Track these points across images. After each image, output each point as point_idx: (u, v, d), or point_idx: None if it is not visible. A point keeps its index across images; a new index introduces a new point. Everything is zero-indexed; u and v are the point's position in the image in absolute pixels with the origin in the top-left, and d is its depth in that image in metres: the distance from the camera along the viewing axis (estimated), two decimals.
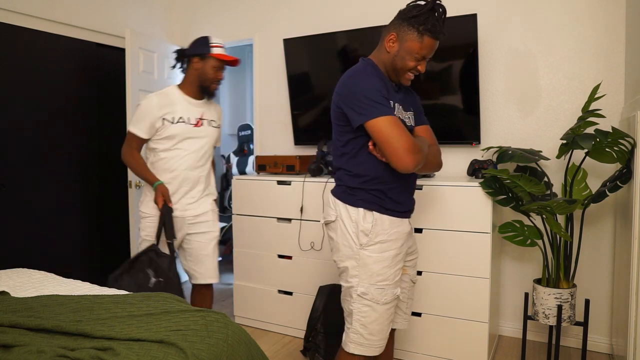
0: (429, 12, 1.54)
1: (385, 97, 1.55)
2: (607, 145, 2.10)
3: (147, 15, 3.79)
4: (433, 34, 1.56)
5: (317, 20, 3.33)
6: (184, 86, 2.39)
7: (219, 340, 1.37)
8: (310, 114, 3.30)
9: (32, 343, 1.27)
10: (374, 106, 1.51)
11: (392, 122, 1.51)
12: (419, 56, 1.59)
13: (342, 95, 1.59)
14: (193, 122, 2.36)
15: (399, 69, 1.62)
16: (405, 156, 1.49)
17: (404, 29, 1.58)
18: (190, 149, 2.36)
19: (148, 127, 2.30)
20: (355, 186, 1.63)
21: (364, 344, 1.64)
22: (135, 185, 3.29)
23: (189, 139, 2.35)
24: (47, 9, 3.07)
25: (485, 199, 2.33)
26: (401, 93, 1.72)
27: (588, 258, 2.64)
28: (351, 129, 1.60)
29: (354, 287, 1.63)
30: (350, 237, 1.63)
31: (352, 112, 1.55)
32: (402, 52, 1.59)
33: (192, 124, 2.36)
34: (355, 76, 1.58)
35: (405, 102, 1.72)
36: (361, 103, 1.52)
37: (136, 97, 3.25)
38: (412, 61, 1.59)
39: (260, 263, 2.98)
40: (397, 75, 1.64)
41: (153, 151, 2.37)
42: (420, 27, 1.54)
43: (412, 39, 1.57)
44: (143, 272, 2.20)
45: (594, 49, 2.59)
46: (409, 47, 1.57)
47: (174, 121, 2.31)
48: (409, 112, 1.72)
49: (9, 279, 2.07)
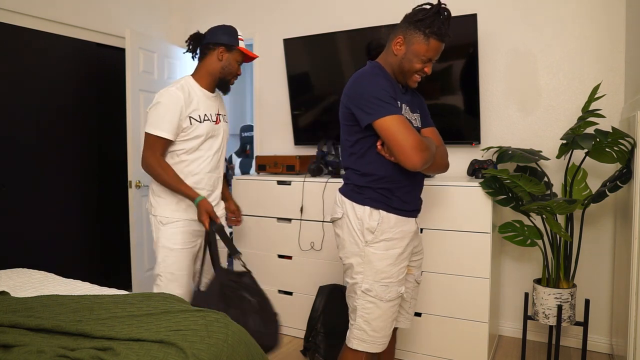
0: (435, 16, 1.58)
1: (393, 97, 1.58)
2: (607, 145, 2.10)
3: (147, 15, 3.79)
4: (439, 37, 1.60)
5: (317, 20, 3.33)
6: (201, 77, 2.14)
7: (219, 341, 1.36)
8: (310, 114, 3.30)
9: (32, 343, 1.27)
10: (382, 105, 1.55)
11: (400, 120, 1.54)
12: (426, 58, 1.63)
13: (350, 96, 1.63)
14: (214, 118, 2.14)
15: (406, 71, 1.66)
16: (413, 154, 1.52)
17: (410, 32, 1.62)
18: (212, 149, 2.15)
19: (175, 127, 2.02)
20: (363, 184, 1.66)
21: (367, 340, 1.66)
22: (135, 185, 3.29)
23: (211, 138, 2.14)
24: (47, 9, 3.07)
25: (485, 199, 2.33)
26: (408, 95, 1.76)
27: (588, 258, 2.64)
28: (359, 129, 1.63)
29: (358, 283, 1.66)
30: (356, 234, 1.66)
31: (361, 112, 1.59)
32: (409, 55, 1.63)
33: (214, 121, 2.14)
34: (363, 77, 1.63)
35: (412, 104, 1.76)
36: (369, 103, 1.56)
37: (136, 97, 3.26)
38: (418, 63, 1.64)
39: (260, 263, 2.98)
40: (404, 77, 1.69)
41: (171, 153, 2.09)
42: (427, 30, 1.59)
43: (418, 41, 1.61)
44: (240, 298, 1.89)
45: (594, 49, 2.59)
46: (416, 49, 1.62)
47: (200, 119, 2.07)
48: (415, 114, 1.76)
49: (9, 279, 2.07)
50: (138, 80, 3.28)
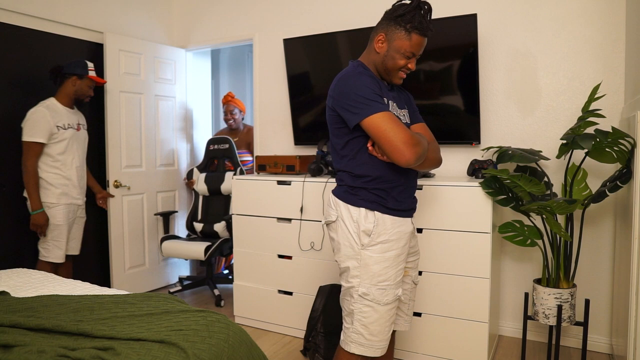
0: (415, 10, 1.57)
1: (378, 94, 1.56)
2: (607, 145, 2.10)
3: (148, 15, 3.79)
4: (420, 31, 1.58)
5: (317, 20, 3.33)
6: (62, 98, 2.95)
7: (220, 341, 1.37)
8: (310, 114, 3.30)
9: (32, 343, 1.27)
10: (368, 104, 1.52)
11: (388, 117, 1.52)
12: (409, 54, 1.61)
13: (335, 97, 1.61)
14: (75, 127, 3.00)
15: (389, 68, 1.64)
16: (405, 149, 1.50)
17: (391, 28, 1.61)
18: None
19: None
20: (357, 186, 1.64)
21: (365, 344, 1.64)
22: (113, 184, 3.43)
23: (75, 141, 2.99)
24: (48, 9, 3.07)
25: (485, 199, 2.33)
26: (394, 91, 1.74)
27: (588, 258, 2.64)
28: (348, 131, 1.61)
29: (354, 287, 1.63)
30: (351, 237, 1.63)
31: (347, 113, 1.57)
32: (391, 52, 1.62)
33: (76, 129, 3.01)
34: (346, 77, 1.60)
35: (399, 100, 1.73)
36: (355, 102, 1.54)
37: (116, 99, 3.39)
38: (402, 59, 1.62)
39: (260, 263, 2.98)
40: (388, 74, 1.67)
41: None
42: (408, 25, 1.57)
43: (400, 37, 1.59)
44: None
45: (593, 49, 2.59)
46: (398, 45, 1.60)
47: (65, 127, 2.91)
48: (403, 110, 1.73)
49: (9, 279, 2.07)
50: (118, 81, 3.43)
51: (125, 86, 3.47)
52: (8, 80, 2.92)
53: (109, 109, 3.38)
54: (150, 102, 3.68)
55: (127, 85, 3.48)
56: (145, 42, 3.62)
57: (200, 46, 3.95)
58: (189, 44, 3.99)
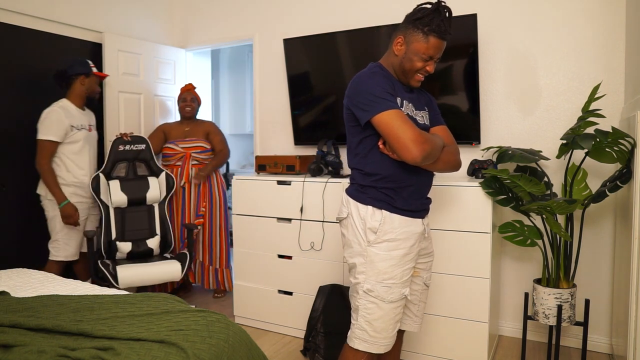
0: (434, 14, 1.59)
1: (390, 93, 1.58)
2: (607, 145, 2.10)
3: (148, 15, 3.78)
4: (438, 34, 1.60)
5: (317, 20, 3.33)
6: (75, 99, 3.00)
7: (220, 341, 1.37)
8: (310, 114, 3.30)
9: (32, 343, 1.27)
10: (378, 101, 1.55)
11: (397, 115, 1.54)
12: (426, 56, 1.63)
13: (350, 96, 1.65)
14: (87, 128, 3.04)
15: (407, 70, 1.66)
16: (412, 146, 1.51)
17: (410, 31, 1.63)
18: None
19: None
20: (366, 184, 1.67)
21: (368, 341, 1.66)
22: None
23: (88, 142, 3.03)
24: (47, 9, 3.07)
25: (485, 199, 2.33)
26: (414, 93, 1.76)
27: (588, 258, 2.64)
28: (361, 129, 1.64)
29: (360, 283, 1.66)
30: (359, 234, 1.66)
31: (359, 111, 1.60)
32: (409, 54, 1.64)
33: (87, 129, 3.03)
34: (360, 77, 1.65)
35: (417, 102, 1.75)
36: (366, 100, 1.57)
37: (115, 98, 3.39)
38: (419, 62, 1.64)
39: (260, 263, 2.98)
40: (406, 77, 1.69)
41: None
42: (425, 28, 1.59)
43: (418, 40, 1.61)
44: None
45: (593, 49, 2.59)
46: (416, 48, 1.62)
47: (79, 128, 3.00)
48: (422, 112, 1.75)
49: (9, 279, 2.07)
50: (117, 81, 3.44)
51: (124, 86, 3.47)
52: (8, 80, 2.92)
53: (107, 110, 3.37)
54: (149, 102, 3.69)
55: (126, 86, 3.48)
56: (144, 42, 3.62)
57: (200, 46, 3.95)
58: (188, 44, 3.99)
